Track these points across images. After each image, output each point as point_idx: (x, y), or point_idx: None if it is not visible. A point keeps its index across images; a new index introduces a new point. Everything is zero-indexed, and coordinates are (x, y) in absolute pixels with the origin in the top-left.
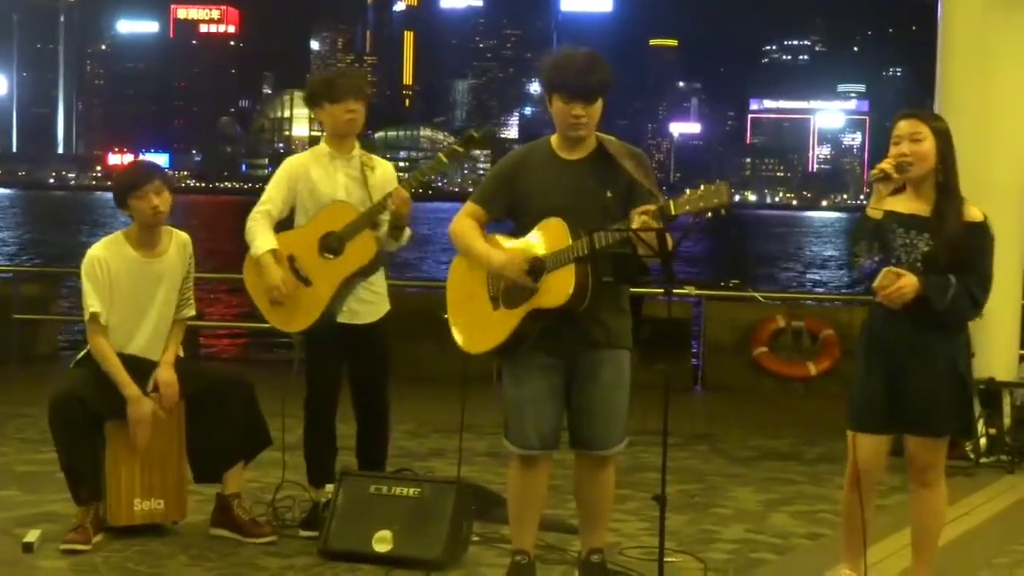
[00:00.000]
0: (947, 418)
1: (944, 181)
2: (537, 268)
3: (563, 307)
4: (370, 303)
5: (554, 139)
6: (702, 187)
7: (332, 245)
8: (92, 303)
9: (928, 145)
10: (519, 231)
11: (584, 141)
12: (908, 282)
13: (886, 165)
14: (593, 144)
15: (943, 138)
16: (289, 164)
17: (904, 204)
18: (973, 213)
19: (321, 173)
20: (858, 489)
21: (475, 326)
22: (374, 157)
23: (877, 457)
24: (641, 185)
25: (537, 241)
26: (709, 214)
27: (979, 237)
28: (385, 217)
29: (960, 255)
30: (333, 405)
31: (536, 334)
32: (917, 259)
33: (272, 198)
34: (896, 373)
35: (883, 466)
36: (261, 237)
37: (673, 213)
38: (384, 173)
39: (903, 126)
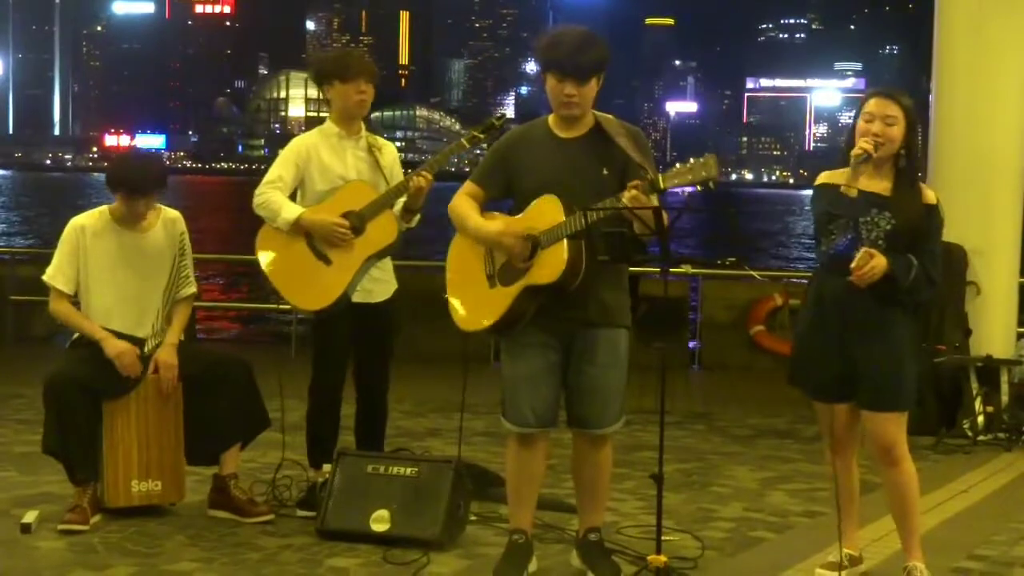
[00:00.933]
0: (898, 393)
1: (906, 163)
2: (532, 244)
3: (555, 284)
4: (383, 281)
5: (551, 118)
6: (692, 161)
7: (353, 224)
8: (55, 274)
9: (899, 130)
10: (516, 210)
11: (580, 119)
12: (880, 262)
13: (868, 146)
14: (590, 122)
15: (910, 117)
16: (297, 143)
17: (864, 182)
18: (929, 195)
19: (331, 153)
20: (832, 455)
21: (472, 304)
22: (379, 138)
23: (839, 422)
24: (634, 161)
25: (532, 218)
26: (699, 187)
27: (935, 219)
28: (400, 199)
29: (919, 236)
30: (340, 385)
31: (533, 312)
32: (879, 237)
33: (281, 176)
34: (849, 347)
35: (851, 431)
36: (287, 206)
37: (662, 187)
38: (390, 153)
39: (877, 105)
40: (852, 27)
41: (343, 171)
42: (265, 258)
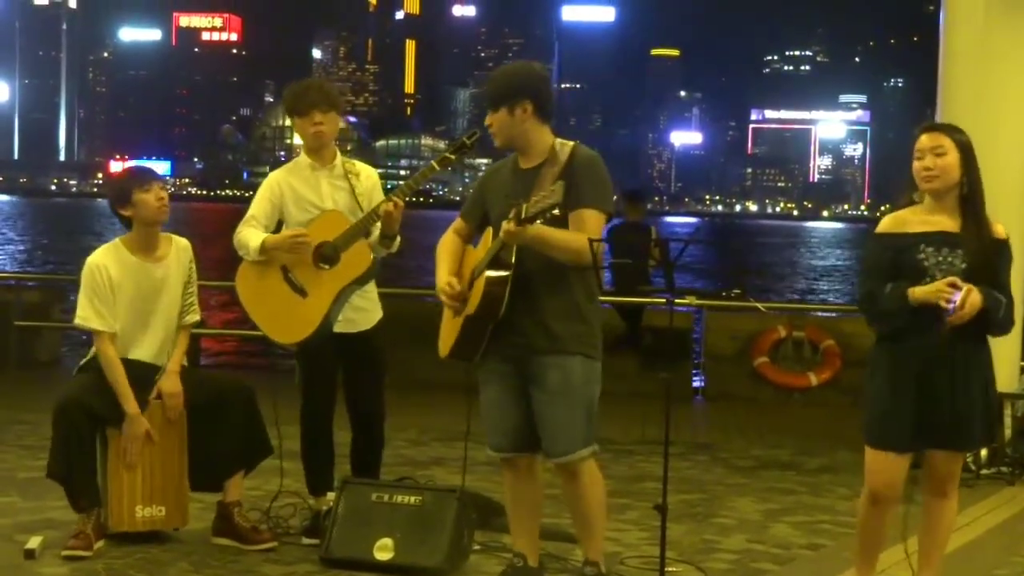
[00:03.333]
0: (979, 430)
1: (969, 194)
2: (472, 276)
3: (477, 314)
4: (365, 310)
5: None
6: (547, 190)
7: (327, 255)
8: (88, 315)
9: (952, 158)
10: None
11: (532, 149)
12: (976, 297)
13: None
14: (545, 152)
15: (966, 151)
16: (269, 180)
17: (925, 222)
18: (998, 230)
19: (304, 185)
20: (876, 507)
21: (444, 331)
22: (356, 163)
23: (900, 476)
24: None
25: (480, 250)
26: (555, 212)
27: (1006, 254)
28: (377, 225)
29: (994, 271)
30: (330, 413)
31: (485, 340)
32: (958, 276)
33: (255, 215)
34: (930, 389)
35: (903, 484)
36: (255, 236)
37: (523, 215)
38: (369, 178)
39: (925, 140)
40: (857, 60)
41: (318, 200)
42: (244, 294)
